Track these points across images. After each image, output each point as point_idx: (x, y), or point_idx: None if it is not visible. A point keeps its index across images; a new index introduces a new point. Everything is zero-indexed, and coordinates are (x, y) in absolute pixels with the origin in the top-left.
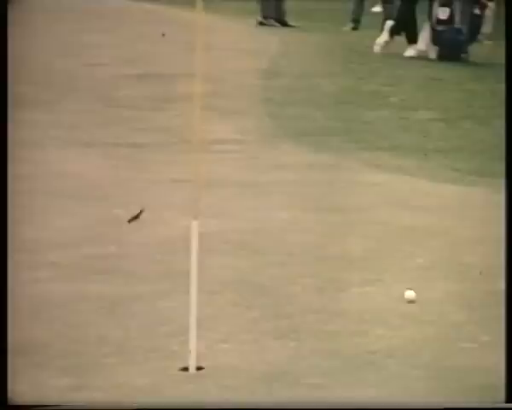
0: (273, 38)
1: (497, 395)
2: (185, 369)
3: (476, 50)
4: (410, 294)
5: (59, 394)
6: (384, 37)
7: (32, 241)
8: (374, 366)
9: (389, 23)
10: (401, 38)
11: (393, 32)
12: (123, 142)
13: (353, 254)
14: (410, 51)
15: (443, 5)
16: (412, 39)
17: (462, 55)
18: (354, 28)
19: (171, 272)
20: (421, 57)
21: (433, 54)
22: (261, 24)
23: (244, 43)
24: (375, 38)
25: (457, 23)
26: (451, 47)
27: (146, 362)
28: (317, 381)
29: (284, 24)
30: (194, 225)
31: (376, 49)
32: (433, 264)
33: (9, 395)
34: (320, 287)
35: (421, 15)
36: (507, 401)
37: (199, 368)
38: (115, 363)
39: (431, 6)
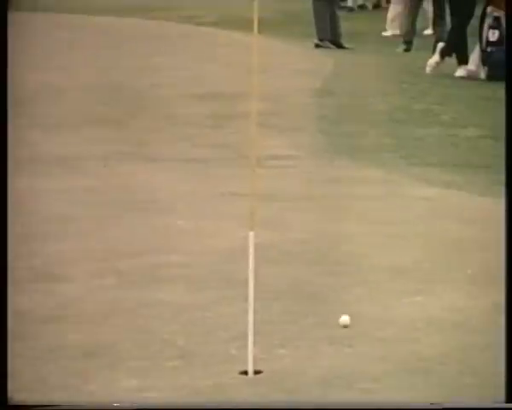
0: (328, 59)
1: None
2: (244, 372)
3: None
4: (344, 319)
5: (127, 394)
6: (435, 58)
7: (101, 250)
8: (425, 372)
9: (440, 45)
10: (452, 60)
11: (445, 53)
12: (185, 157)
13: (404, 264)
14: (461, 72)
15: (492, 27)
16: (463, 60)
17: None
18: (406, 50)
19: (230, 280)
20: (471, 77)
21: (482, 74)
22: (317, 46)
23: (301, 63)
24: (426, 60)
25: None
26: (501, 67)
27: (207, 366)
28: (369, 386)
29: (339, 46)
30: (251, 236)
31: (428, 69)
32: (482, 275)
33: (9, 395)
34: (372, 296)
35: (470, 38)
36: (507, 401)
37: (257, 372)
38: (178, 366)
39: (481, 28)
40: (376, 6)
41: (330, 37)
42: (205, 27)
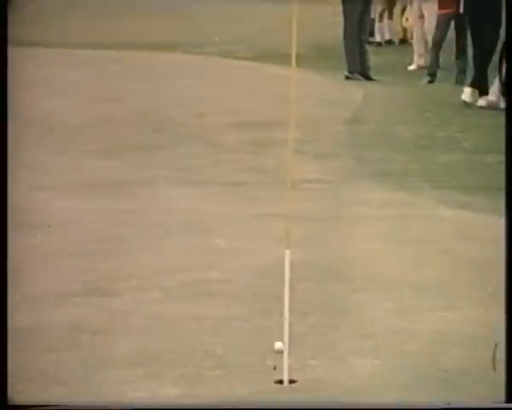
0: (358, 90)
1: None
2: (280, 382)
3: None
4: (278, 345)
5: (171, 401)
6: (470, 89)
7: (147, 267)
8: (448, 382)
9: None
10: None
11: (474, 85)
12: (226, 181)
13: (428, 281)
14: (482, 102)
15: None
16: (484, 91)
17: None
18: (430, 81)
19: (266, 295)
20: (492, 107)
21: (502, 104)
22: (347, 78)
23: (332, 94)
24: (449, 91)
25: None
26: None
27: (245, 375)
28: (396, 395)
29: (368, 78)
30: (287, 254)
31: (465, 97)
32: (501, 291)
33: (9, 395)
34: (399, 311)
35: (491, 72)
36: (507, 401)
37: (292, 381)
38: (218, 375)
39: (501, 63)
40: (403, 41)
41: (360, 69)
42: (245, 61)
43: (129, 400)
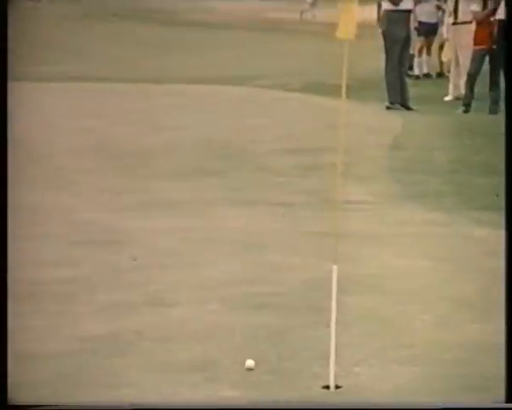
0: (398, 118)
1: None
2: (326, 387)
3: None
4: (249, 363)
5: (228, 403)
6: None
7: (206, 279)
8: (484, 390)
9: None
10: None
11: None
12: (276, 202)
13: (464, 295)
14: None
15: None
16: None
17: None
18: (465, 111)
19: (315, 307)
20: None
21: None
22: (388, 108)
23: (375, 122)
24: (483, 119)
25: None
26: None
27: (294, 380)
28: (433, 400)
29: (407, 108)
30: (335, 269)
31: None
32: None
33: (9, 395)
34: (437, 322)
35: None
36: (507, 401)
37: (337, 387)
38: (270, 380)
39: None
40: (440, 74)
41: (400, 100)
42: (292, 93)
43: (190, 402)
